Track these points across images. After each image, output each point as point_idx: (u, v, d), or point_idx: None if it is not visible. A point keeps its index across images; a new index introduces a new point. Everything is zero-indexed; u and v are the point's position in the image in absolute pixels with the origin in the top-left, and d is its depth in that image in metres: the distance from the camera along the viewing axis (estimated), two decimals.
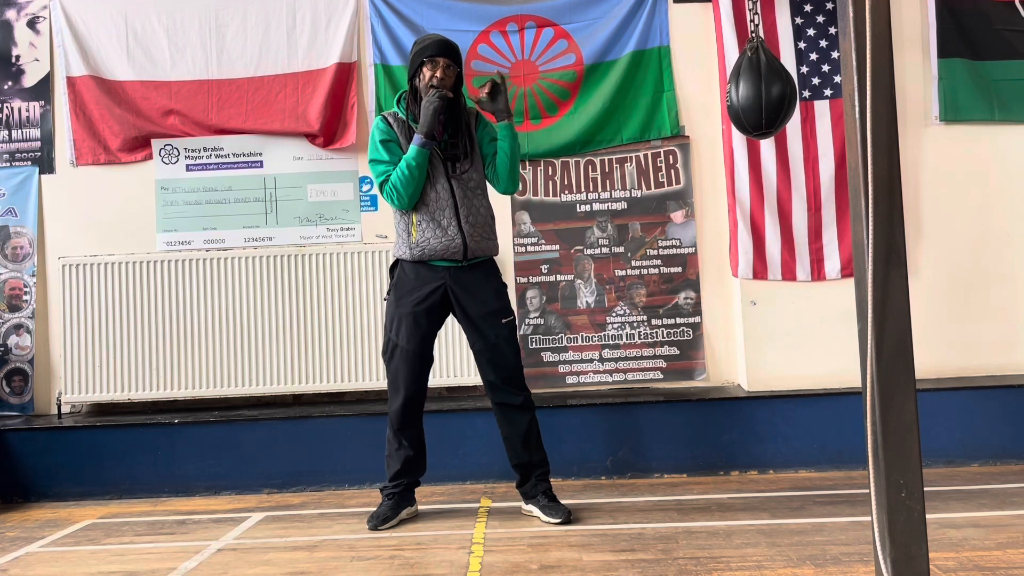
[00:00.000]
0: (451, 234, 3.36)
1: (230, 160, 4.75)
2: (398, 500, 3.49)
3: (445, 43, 3.41)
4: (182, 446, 4.21)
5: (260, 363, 4.55)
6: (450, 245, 3.36)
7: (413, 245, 3.38)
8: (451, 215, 3.36)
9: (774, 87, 3.63)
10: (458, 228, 3.37)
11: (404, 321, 3.40)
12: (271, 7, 4.74)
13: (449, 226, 3.36)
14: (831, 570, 2.71)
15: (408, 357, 3.41)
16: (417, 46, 3.44)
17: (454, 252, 3.37)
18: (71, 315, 4.56)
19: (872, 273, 1.99)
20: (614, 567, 2.83)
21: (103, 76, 4.76)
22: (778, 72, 3.67)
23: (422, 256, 3.38)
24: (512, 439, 3.47)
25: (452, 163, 3.39)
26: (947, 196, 4.57)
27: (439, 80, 3.35)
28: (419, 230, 3.38)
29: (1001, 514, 3.29)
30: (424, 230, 3.37)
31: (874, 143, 1.99)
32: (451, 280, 3.41)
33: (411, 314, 3.40)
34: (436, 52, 3.37)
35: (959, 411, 4.16)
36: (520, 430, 3.45)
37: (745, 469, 4.16)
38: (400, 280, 3.44)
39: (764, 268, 4.50)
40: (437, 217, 3.37)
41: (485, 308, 3.41)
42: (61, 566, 3.14)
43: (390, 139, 3.41)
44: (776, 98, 3.63)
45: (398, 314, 3.42)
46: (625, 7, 4.71)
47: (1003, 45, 4.60)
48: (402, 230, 3.43)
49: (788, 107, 3.69)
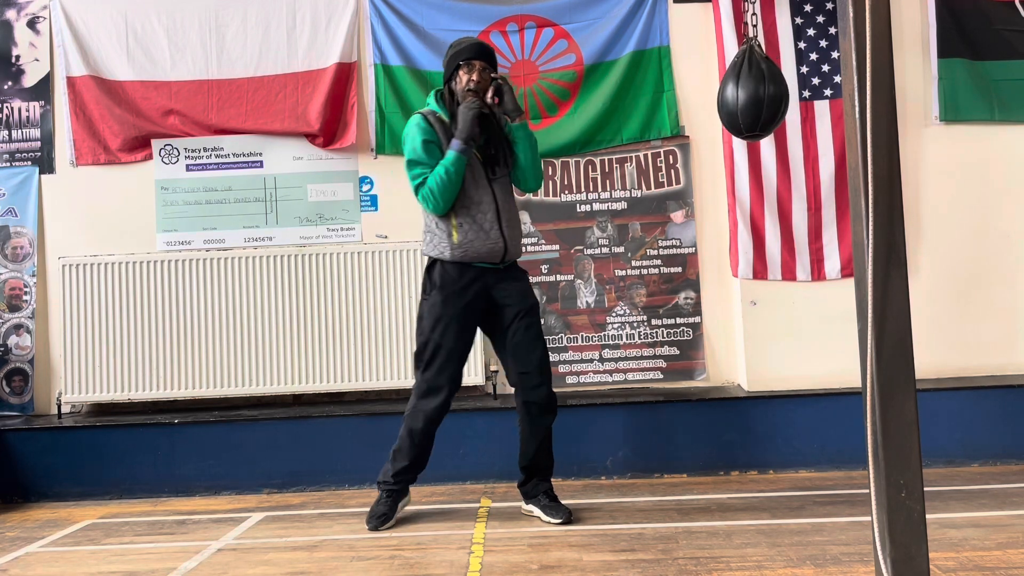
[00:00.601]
0: (493, 237, 3.39)
1: (230, 160, 4.75)
2: (396, 497, 3.49)
3: (480, 46, 3.45)
4: (182, 446, 4.21)
5: (260, 363, 4.55)
6: (493, 248, 3.39)
7: (455, 247, 3.38)
8: (493, 218, 3.39)
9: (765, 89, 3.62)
10: (500, 231, 3.40)
11: (453, 322, 3.38)
12: (271, 7, 4.74)
13: (492, 229, 3.39)
14: (831, 570, 2.71)
15: (455, 357, 3.41)
16: (452, 49, 3.46)
17: (496, 254, 3.40)
18: (71, 315, 4.56)
19: (872, 273, 1.99)
20: (614, 567, 2.83)
21: (103, 76, 4.75)
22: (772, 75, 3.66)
23: (463, 257, 3.38)
24: (531, 441, 3.47)
25: (492, 167, 3.43)
26: (947, 196, 4.57)
27: (475, 83, 3.38)
28: (461, 232, 3.37)
29: (1001, 514, 3.29)
30: (467, 232, 3.37)
31: (874, 143, 1.99)
32: (491, 280, 3.43)
33: (461, 315, 3.39)
34: (472, 55, 3.40)
35: (959, 411, 4.16)
36: (542, 432, 3.47)
37: (745, 469, 4.16)
38: (445, 280, 3.40)
39: (764, 268, 4.50)
40: (479, 220, 3.38)
41: (524, 305, 3.45)
42: (61, 566, 3.14)
43: (432, 140, 3.39)
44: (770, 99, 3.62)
45: (445, 314, 3.39)
46: (625, 7, 4.71)
47: (1003, 45, 4.60)
48: (441, 231, 3.41)
49: (780, 110, 3.68)
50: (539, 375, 3.43)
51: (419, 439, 3.44)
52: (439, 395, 3.41)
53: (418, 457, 3.47)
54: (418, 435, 3.44)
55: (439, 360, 3.40)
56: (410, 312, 4.56)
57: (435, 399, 3.41)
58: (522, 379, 3.45)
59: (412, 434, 3.44)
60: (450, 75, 3.44)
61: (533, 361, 3.43)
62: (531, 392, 3.43)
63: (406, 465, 3.47)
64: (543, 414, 3.46)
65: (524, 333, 3.43)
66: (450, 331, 3.39)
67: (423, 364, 3.44)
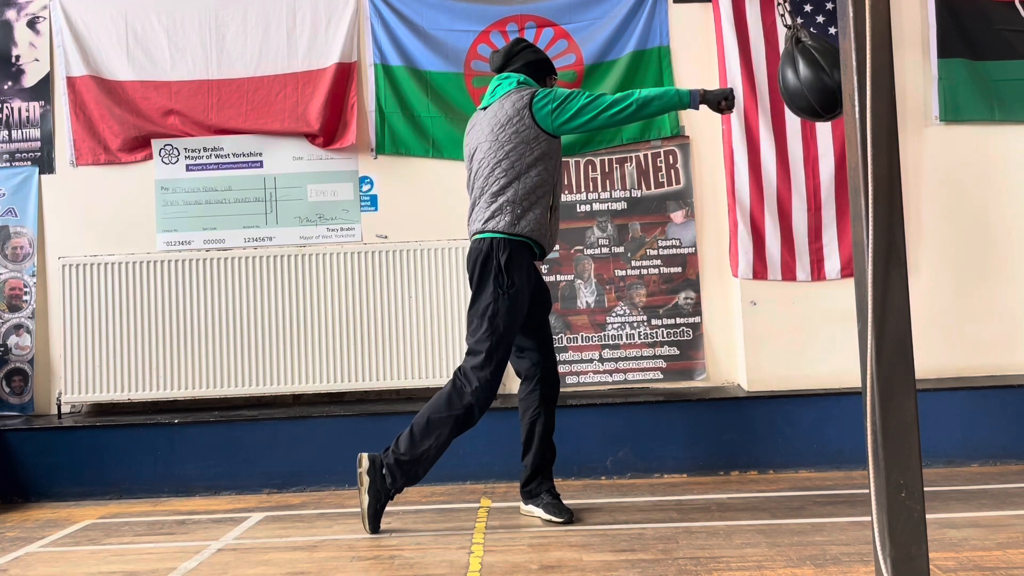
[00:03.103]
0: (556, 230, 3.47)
1: (230, 160, 4.75)
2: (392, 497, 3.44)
3: None
4: (182, 446, 4.21)
5: (260, 363, 4.55)
6: (554, 241, 3.46)
7: (545, 227, 3.33)
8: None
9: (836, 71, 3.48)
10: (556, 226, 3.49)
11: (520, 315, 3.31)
12: (271, 7, 4.74)
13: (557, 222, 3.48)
14: (831, 570, 2.71)
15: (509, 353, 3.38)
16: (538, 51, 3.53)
17: (551, 247, 3.46)
18: (71, 315, 4.56)
19: (872, 273, 1.99)
20: (614, 567, 2.83)
21: (103, 76, 4.75)
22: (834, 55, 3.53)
23: (543, 239, 3.34)
24: (545, 435, 3.47)
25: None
26: (947, 196, 4.57)
27: None
28: (553, 216, 3.39)
29: (1001, 514, 3.29)
30: (554, 218, 3.40)
31: (874, 143, 1.99)
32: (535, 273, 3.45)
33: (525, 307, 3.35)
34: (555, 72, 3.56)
35: (959, 411, 4.16)
36: (552, 426, 3.51)
37: (745, 469, 4.16)
38: (520, 274, 3.26)
39: (764, 268, 4.50)
40: (556, 211, 3.43)
41: (550, 300, 3.57)
42: (61, 566, 3.13)
43: None
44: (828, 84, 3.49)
45: (522, 311, 3.30)
46: (625, 7, 4.71)
47: (1003, 45, 4.60)
48: (538, 209, 3.30)
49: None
50: (556, 369, 3.56)
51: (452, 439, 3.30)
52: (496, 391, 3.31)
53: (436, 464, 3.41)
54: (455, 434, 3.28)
55: (504, 359, 3.31)
56: (410, 312, 4.56)
57: (489, 399, 3.29)
58: (548, 372, 3.50)
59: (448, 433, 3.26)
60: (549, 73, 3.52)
61: (553, 356, 3.56)
62: (554, 386, 3.53)
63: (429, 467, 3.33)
64: (555, 405, 3.55)
65: (548, 328, 3.56)
66: (517, 327, 3.33)
67: (493, 364, 3.24)
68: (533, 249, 3.35)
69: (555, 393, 3.53)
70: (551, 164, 3.35)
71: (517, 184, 3.28)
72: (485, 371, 3.25)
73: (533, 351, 3.49)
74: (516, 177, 3.29)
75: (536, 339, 3.49)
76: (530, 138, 3.29)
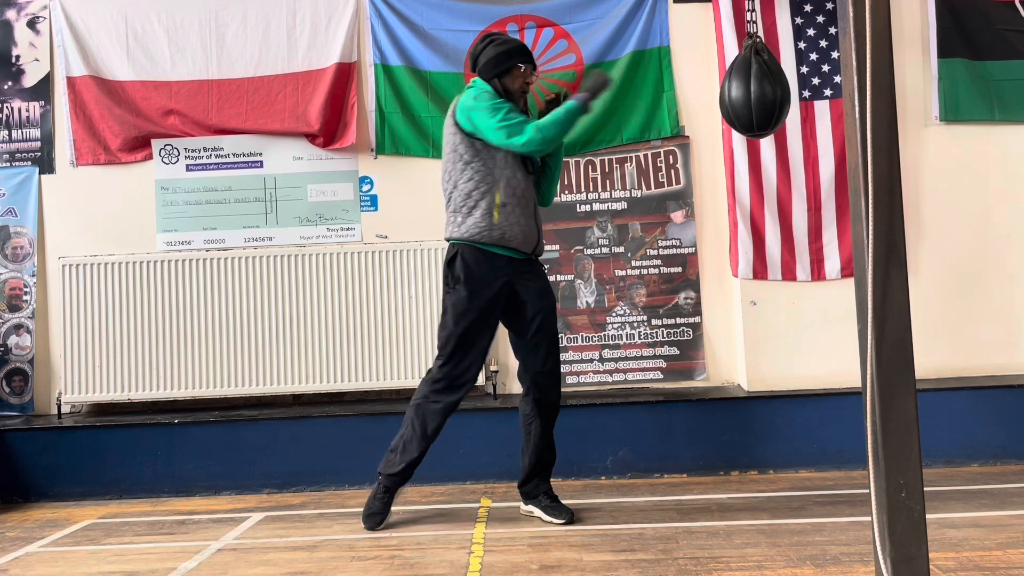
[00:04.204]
0: (532, 226, 3.40)
1: (230, 160, 4.75)
2: (393, 494, 3.46)
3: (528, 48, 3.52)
4: (182, 446, 4.21)
5: (260, 363, 4.55)
6: (529, 235, 3.39)
7: (494, 227, 3.31)
8: (532, 207, 3.43)
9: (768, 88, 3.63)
10: (535, 222, 3.42)
11: (478, 317, 3.35)
12: (271, 7, 4.74)
13: (531, 217, 3.41)
14: (831, 570, 2.71)
15: (480, 353, 3.39)
16: (500, 45, 3.42)
17: (529, 243, 3.40)
18: (71, 315, 4.56)
19: (872, 273, 1.99)
20: (614, 567, 2.83)
21: (103, 76, 4.75)
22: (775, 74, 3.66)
23: (500, 240, 3.32)
24: (539, 439, 3.46)
25: (531, 161, 3.45)
26: (947, 196, 4.57)
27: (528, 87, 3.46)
28: (503, 213, 3.32)
29: (1001, 514, 3.29)
30: (509, 214, 3.33)
31: (874, 143, 1.99)
32: (517, 272, 3.40)
33: (485, 308, 3.36)
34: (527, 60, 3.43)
35: (959, 411, 4.16)
36: (550, 430, 3.48)
37: (745, 469, 4.16)
38: (470, 273, 3.33)
39: (764, 268, 4.50)
40: (523, 204, 3.38)
41: (545, 302, 3.45)
42: (61, 566, 3.13)
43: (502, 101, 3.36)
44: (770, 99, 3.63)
45: (472, 308, 3.34)
46: (625, 7, 4.70)
47: (1003, 45, 4.60)
48: (478, 212, 3.32)
49: (781, 109, 3.68)
50: (553, 376, 3.46)
51: (432, 433, 3.40)
52: (461, 391, 3.39)
53: (424, 451, 3.45)
54: (432, 430, 3.39)
55: (463, 355, 3.36)
56: (410, 312, 4.56)
57: (457, 394, 3.39)
58: (538, 378, 3.45)
59: (426, 428, 3.38)
60: (505, 70, 3.39)
61: (550, 363, 3.45)
62: (547, 391, 3.46)
63: (415, 458, 3.41)
64: (552, 411, 3.49)
65: (544, 333, 3.44)
66: (475, 326, 3.35)
67: (444, 358, 3.37)
68: (486, 251, 3.33)
69: (549, 398, 3.45)
70: (488, 163, 3.33)
71: (455, 192, 3.38)
72: (437, 363, 3.40)
73: (521, 358, 3.50)
74: (454, 185, 3.38)
75: (522, 347, 3.47)
76: (457, 143, 3.36)
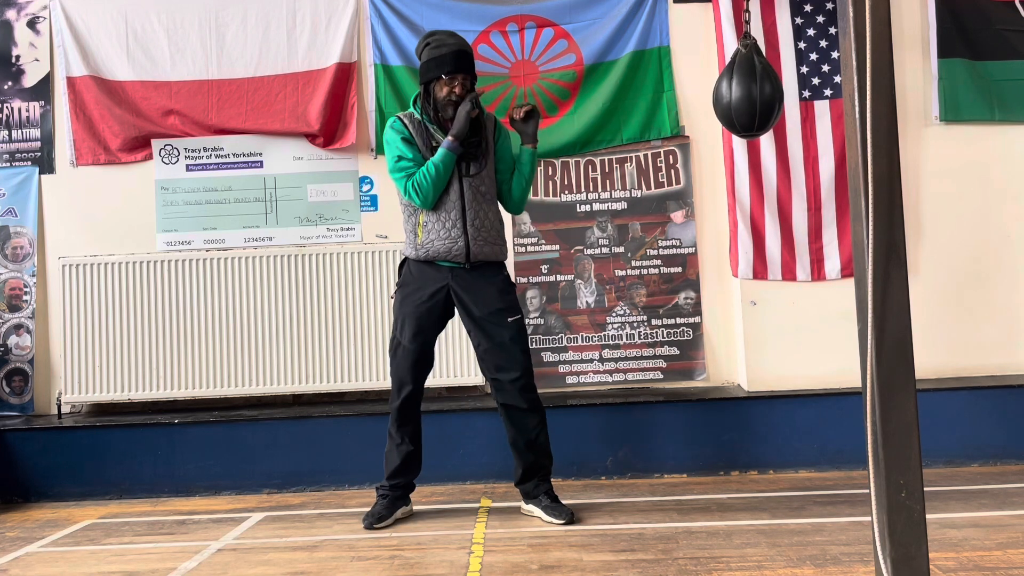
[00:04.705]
0: (454, 235, 3.38)
1: (230, 160, 4.75)
2: (393, 500, 3.50)
3: (461, 54, 3.39)
4: (182, 446, 4.21)
5: (260, 363, 4.55)
6: (452, 247, 3.39)
7: (419, 246, 3.44)
8: (457, 217, 3.39)
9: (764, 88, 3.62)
10: (462, 230, 3.39)
11: (408, 320, 3.45)
12: (271, 7, 4.74)
13: (453, 228, 3.39)
14: (831, 570, 2.71)
15: (409, 356, 3.46)
16: (432, 50, 3.40)
17: (456, 254, 3.40)
18: (71, 315, 4.56)
19: (872, 273, 1.99)
20: (614, 567, 2.83)
21: (103, 76, 4.75)
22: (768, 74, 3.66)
23: (427, 256, 3.43)
24: (518, 443, 3.47)
25: (467, 163, 3.42)
26: (947, 196, 4.57)
27: (458, 96, 3.38)
28: (425, 231, 3.41)
29: (1001, 514, 3.29)
30: (429, 231, 3.41)
31: (874, 143, 1.99)
32: (453, 280, 3.43)
33: (414, 314, 3.44)
34: (454, 68, 3.36)
35: (959, 411, 4.16)
36: (528, 434, 3.44)
37: (745, 469, 4.16)
38: (406, 279, 3.50)
39: (764, 268, 4.50)
40: (443, 219, 3.39)
41: (489, 307, 3.41)
42: (61, 566, 3.14)
43: (408, 138, 3.43)
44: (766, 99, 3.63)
45: (403, 313, 3.47)
46: (625, 7, 4.70)
47: (1003, 45, 4.60)
48: (409, 231, 3.48)
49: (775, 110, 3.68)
50: (509, 377, 3.40)
51: (399, 437, 3.50)
52: (402, 390, 3.47)
53: (407, 456, 3.49)
54: (394, 432, 3.51)
55: (400, 356, 3.48)
56: None
57: (397, 397, 3.48)
58: (494, 383, 3.47)
59: (390, 432, 3.53)
60: (431, 79, 3.40)
61: (503, 363, 3.40)
62: (503, 395, 3.43)
63: (397, 464, 3.49)
64: (524, 415, 3.43)
65: (495, 335, 3.41)
66: (407, 329, 3.44)
67: (390, 358, 3.54)
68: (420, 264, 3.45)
69: (510, 400, 3.41)
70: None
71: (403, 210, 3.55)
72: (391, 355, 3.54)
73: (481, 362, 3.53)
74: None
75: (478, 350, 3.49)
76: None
